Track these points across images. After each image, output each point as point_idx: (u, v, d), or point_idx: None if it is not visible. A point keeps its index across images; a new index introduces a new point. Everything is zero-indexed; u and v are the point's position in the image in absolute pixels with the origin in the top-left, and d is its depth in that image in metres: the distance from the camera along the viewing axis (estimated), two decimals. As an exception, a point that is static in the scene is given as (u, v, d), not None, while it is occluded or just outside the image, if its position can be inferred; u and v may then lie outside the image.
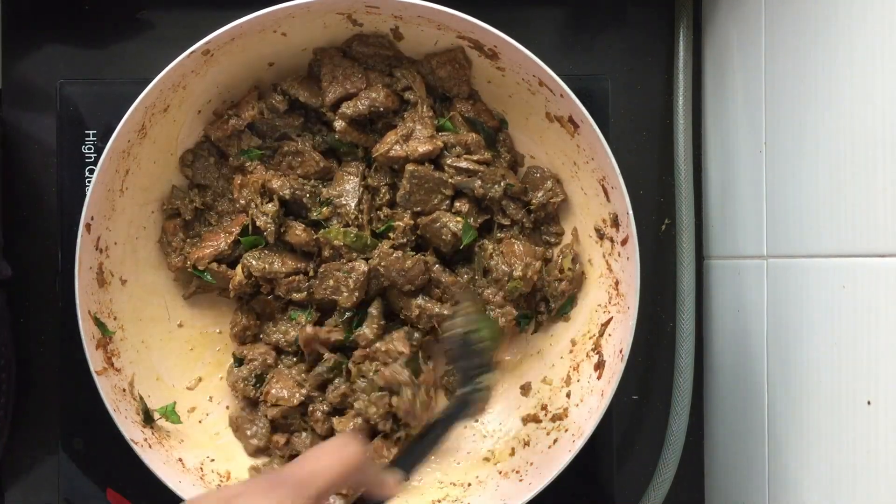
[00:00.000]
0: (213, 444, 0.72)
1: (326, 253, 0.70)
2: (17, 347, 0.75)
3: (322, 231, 0.70)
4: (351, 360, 0.71)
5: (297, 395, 0.71)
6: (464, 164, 0.70)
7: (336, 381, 0.71)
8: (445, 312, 0.70)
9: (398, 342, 0.69)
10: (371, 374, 0.69)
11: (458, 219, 0.70)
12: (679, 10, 0.78)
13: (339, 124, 0.70)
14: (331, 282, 0.70)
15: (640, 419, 0.80)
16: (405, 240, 0.70)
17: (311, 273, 0.71)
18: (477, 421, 0.75)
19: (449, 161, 0.70)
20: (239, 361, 0.73)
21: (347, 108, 0.69)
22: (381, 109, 0.70)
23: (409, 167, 0.69)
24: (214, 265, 0.71)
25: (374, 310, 0.71)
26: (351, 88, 0.70)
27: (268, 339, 0.73)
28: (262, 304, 0.73)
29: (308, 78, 0.72)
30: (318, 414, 0.71)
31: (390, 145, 0.69)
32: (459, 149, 0.70)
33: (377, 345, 0.69)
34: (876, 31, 0.55)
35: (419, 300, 0.71)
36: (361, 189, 0.71)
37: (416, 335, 0.72)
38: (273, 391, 0.71)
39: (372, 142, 0.72)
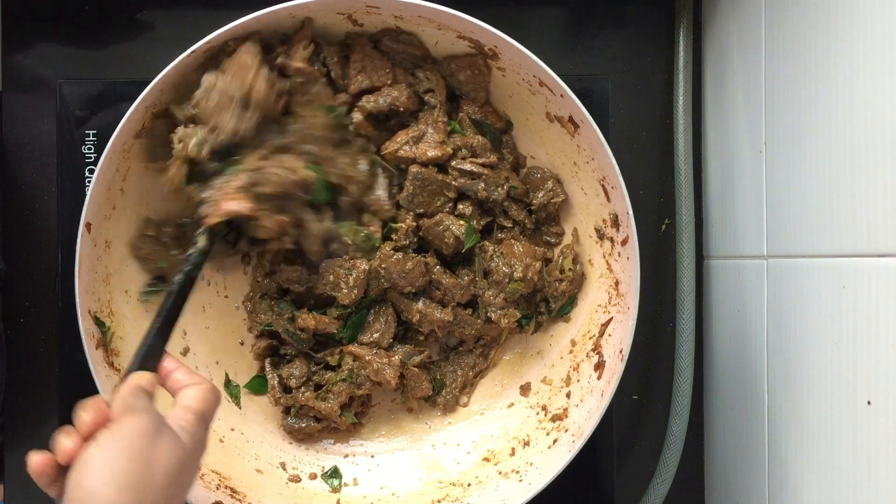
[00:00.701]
0: (213, 444, 0.71)
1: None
2: (10, 346, 0.75)
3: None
4: (342, 351, 0.72)
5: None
6: (468, 167, 0.70)
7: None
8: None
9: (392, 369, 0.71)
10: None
11: (461, 222, 0.70)
12: (679, 10, 0.78)
13: (356, 116, 0.69)
14: (331, 277, 0.70)
15: (640, 419, 0.80)
16: (407, 241, 0.70)
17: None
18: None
19: (454, 163, 0.70)
20: None
21: (367, 103, 0.68)
22: (401, 109, 0.69)
23: (413, 168, 0.69)
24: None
25: (389, 317, 0.72)
26: (377, 82, 0.69)
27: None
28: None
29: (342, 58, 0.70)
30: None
31: (400, 145, 0.69)
32: (465, 151, 0.70)
33: (368, 358, 0.71)
34: (876, 32, 0.55)
35: (420, 304, 0.71)
36: None
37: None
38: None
39: (383, 139, 0.71)
